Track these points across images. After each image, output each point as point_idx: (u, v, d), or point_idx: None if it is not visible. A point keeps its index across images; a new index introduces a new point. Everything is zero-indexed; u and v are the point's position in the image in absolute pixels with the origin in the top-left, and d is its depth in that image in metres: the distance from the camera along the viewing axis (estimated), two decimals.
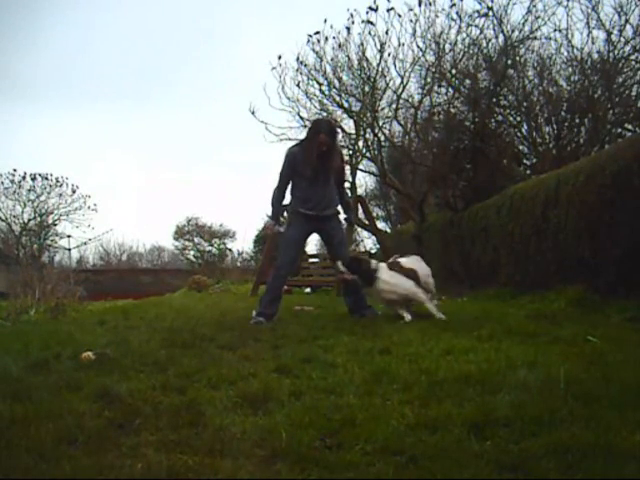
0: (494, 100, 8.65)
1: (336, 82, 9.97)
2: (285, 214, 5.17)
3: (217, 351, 3.11)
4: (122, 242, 35.96)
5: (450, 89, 9.17)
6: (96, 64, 43.57)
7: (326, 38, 9.63)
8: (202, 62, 46.25)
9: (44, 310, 6.44)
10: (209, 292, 11.73)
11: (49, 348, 3.23)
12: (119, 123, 46.69)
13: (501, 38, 8.58)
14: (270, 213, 4.97)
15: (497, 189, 7.56)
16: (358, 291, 4.78)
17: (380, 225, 17.82)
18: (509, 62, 8.46)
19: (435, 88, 9.41)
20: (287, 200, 4.87)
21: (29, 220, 24.72)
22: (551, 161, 7.76)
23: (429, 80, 9.40)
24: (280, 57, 9.95)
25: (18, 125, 44.72)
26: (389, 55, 9.40)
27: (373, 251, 15.74)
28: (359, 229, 10.17)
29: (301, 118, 10.31)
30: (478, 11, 8.54)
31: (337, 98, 10.13)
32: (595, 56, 8.11)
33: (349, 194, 4.59)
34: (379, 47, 9.35)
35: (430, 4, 8.85)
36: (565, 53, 8.39)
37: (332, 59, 9.81)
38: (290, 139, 10.39)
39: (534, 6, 8.31)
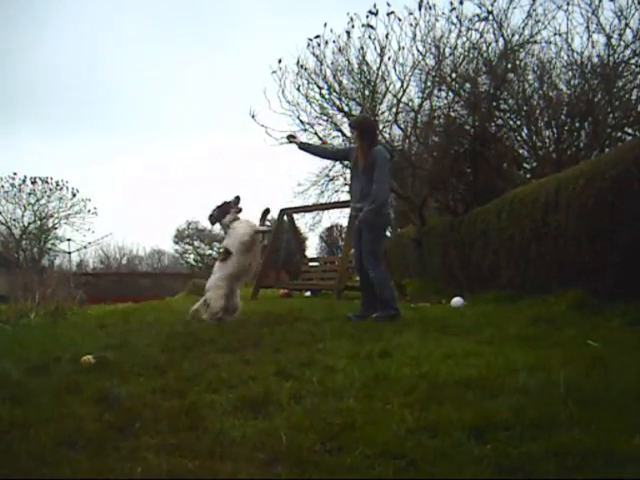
0: (494, 104, 8.66)
1: (336, 86, 9.99)
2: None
3: (217, 355, 3.11)
4: (122, 246, 36.08)
5: (450, 93, 9.19)
6: (98, 66, 43.81)
7: (326, 42, 9.67)
8: (202, 65, 46.43)
9: (44, 314, 6.42)
10: None
11: (49, 352, 3.23)
12: (119, 125, 46.84)
13: (501, 42, 8.63)
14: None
15: (497, 193, 7.56)
16: (373, 291, 4.79)
17: None
18: (509, 66, 8.48)
19: (435, 92, 9.43)
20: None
21: (29, 224, 24.80)
22: (551, 165, 7.77)
23: (429, 84, 9.42)
24: (280, 61, 9.98)
25: (18, 127, 44.88)
26: (389, 59, 9.44)
27: None
28: None
29: (301, 122, 10.32)
30: (478, 15, 8.59)
31: (337, 102, 10.15)
32: (595, 60, 8.13)
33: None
34: (379, 51, 9.39)
35: (430, 8, 8.90)
36: (565, 57, 8.42)
37: (332, 63, 9.85)
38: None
39: (534, 10, 8.35)
